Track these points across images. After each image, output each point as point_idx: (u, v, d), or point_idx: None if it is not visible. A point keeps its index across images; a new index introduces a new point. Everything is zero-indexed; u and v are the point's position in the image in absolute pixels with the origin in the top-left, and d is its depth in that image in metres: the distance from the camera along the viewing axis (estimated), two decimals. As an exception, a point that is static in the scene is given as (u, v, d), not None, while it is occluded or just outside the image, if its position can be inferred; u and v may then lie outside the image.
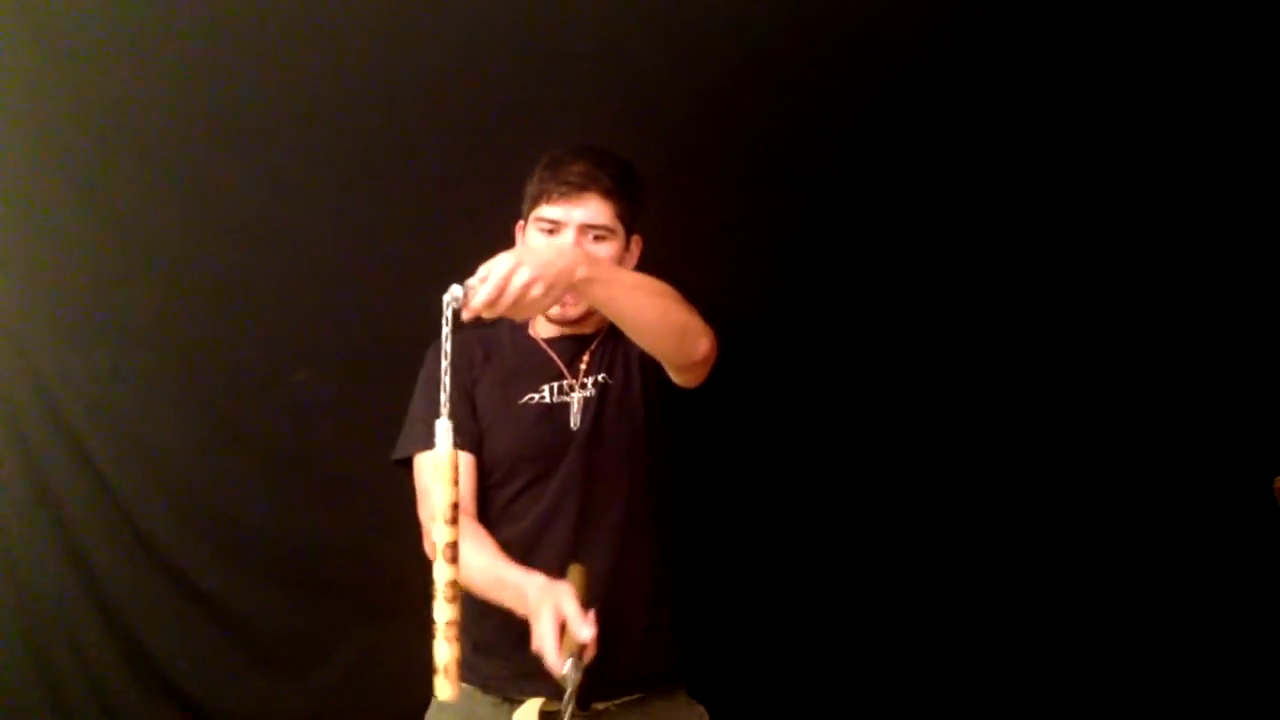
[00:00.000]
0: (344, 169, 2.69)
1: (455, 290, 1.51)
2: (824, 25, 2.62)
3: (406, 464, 1.93)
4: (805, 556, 2.68)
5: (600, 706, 1.88)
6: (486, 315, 1.54)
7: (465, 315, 1.52)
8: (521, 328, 2.00)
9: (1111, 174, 2.67)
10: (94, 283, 2.72)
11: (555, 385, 1.92)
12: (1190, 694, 2.58)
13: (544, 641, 1.58)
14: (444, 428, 1.46)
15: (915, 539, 2.69)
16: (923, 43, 2.65)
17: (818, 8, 2.61)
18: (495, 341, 1.98)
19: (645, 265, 2.08)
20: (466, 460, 1.88)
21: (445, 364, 1.46)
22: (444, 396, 1.47)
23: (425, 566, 2.00)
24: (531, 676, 1.85)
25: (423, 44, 2.65)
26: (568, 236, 1.87)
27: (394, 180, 2.68)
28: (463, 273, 2.19)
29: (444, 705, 1.93)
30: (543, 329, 1.98)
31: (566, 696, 1.61)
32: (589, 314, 1.94)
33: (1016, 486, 2.67)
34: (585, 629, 1.59)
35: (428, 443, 1.88)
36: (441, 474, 1.48)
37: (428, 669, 1.96)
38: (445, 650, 1.49)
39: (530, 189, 1.93)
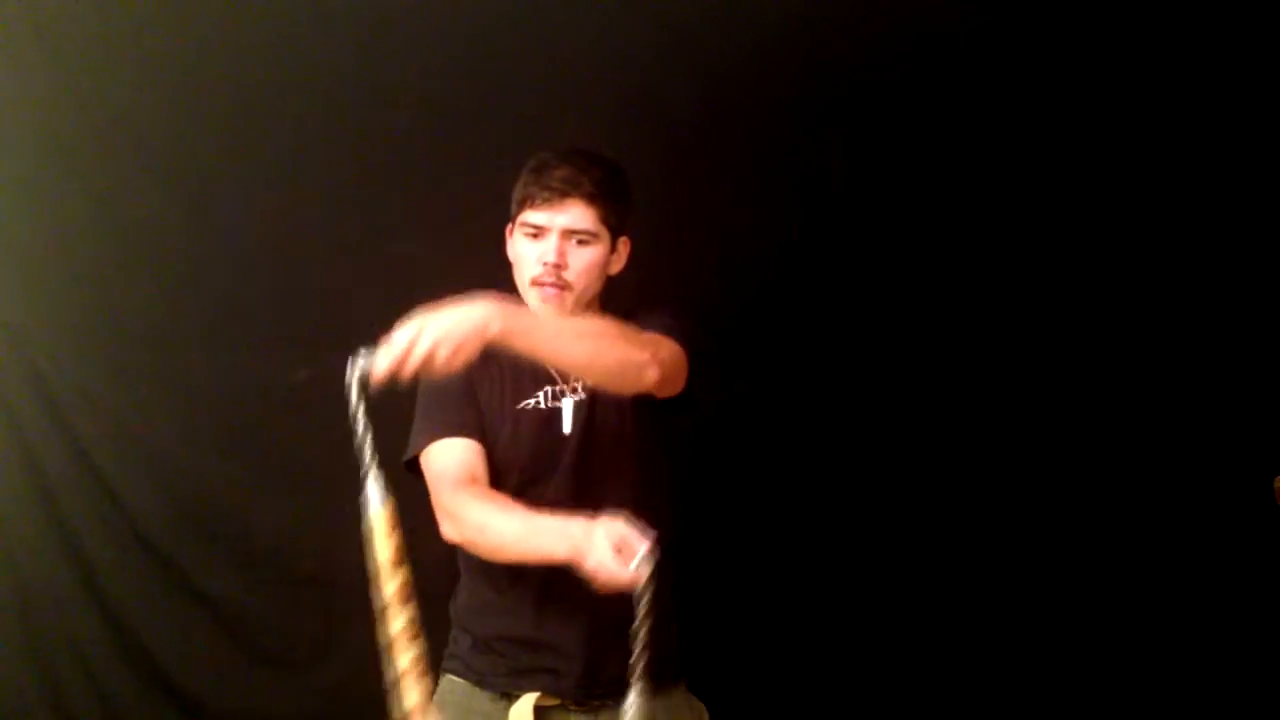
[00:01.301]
0: (344, 169, 2.69)
1: (362, 360, 1.58)
2: (823, 25, 2.62)
3: (416, 467, 1.94)
4: (803, 553, 2.68)
5: (597, 703, 1.87)
6: (398, 379, 1.58)
7: (374, 381, 1.58)
8: None
9: (1111, 174, 2.67)
10: (94, 283, 2.72)
11: (549, 390, 1.92)
12: (1190, 694, 2.58)
13: (605, 559, 1.58)
14: (374, 486, 1.57)
15: (914, 537, 2.69)
16: (922, 42, 2.65)
17: (817, 8, 2.61)
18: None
19: (644, 265, 2.08)
20: (479, 450, 1.89)
21: (359, 432, 1.58)
22: (366, 458, 1.59)
23: (425, 565, 2.01)
24: (527, 673, 1.86)
25: (422, 45, 2.65)
26: (551, 241, 1.88)
27: (394, 180, 2.68)
28: (463, 274, 2.20)
29: (443, 702, 1.93)
30: None
31: (639, 593, 1.58)
32: (577, 315, 1.93)
33: (1016, 486, 2.67)
34: (642, 541, 1.59)
35: (435, 434, 1.91)
36: (378, 530, 1.55)
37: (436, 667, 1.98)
38: (414, 692, 1.52)
39: (516, 193, 1.93)
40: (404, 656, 1.53)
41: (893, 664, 2.66)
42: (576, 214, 1.88)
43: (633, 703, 1.61)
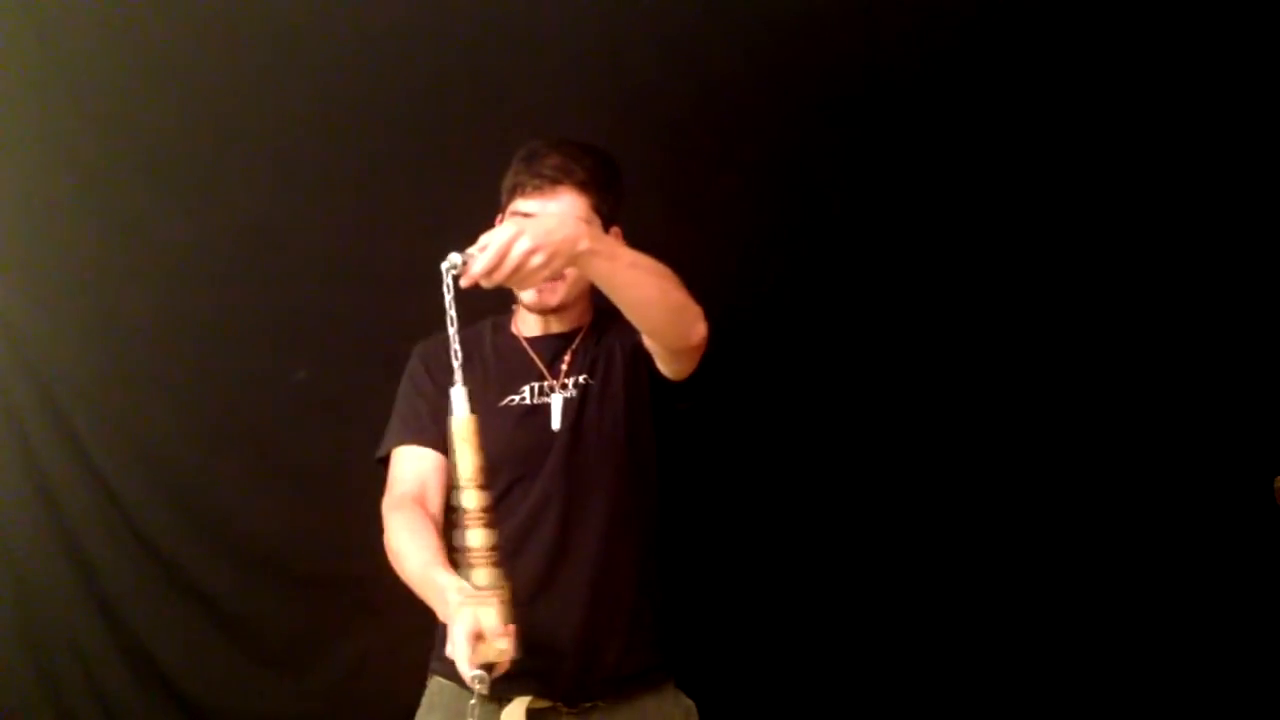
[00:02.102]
0: (344, 169, 2.69)
1: (454, 257, 1.53)
2: (823, 25, 2.62)
3: (387, 462, 1.94)
4: (792, 552, 2.68)
5: (589, 704, 1.87)
6: (485, 284, 1.55)
7: (464, 282, 1.54)
8: (504, 328, 2.00)
9: (1111, 173, 2.67)
10: (94, 283, 2.72)
11: (536, 386, 1.91)
12: (1190, 694, 2.58)
13: (456, 648, 1.54)
14: (460, 394, 1.52)
15: (906, 536, 2.68)
16: (923, 42, 2.65)
17: (816, 8, 2.61)
18: (476, 342, 1.98)
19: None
20: (438, 460, 1.88)
21: (453, 330, 1.53)
22: (456, 364, 1.54)
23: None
24: (518, 675, 1.85)
25: (421, 45, 2.65)
26: None
27: (393, 180, 2.69)
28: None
29: (433, 704, 1.94)
30: (525, 328, 1.98)
31: (470, 704, 1.57)
32: (569, 305, 1.93)
33: (1015, 485, 2.66)
34: (502, 641, 1.55)
35: (401, 439, 1.91)
36: (463, 439, 1.51)
37: (425, 668, 1.98)
38: (490, 614, 1.51)
39: (506, 183, 1.93)
40: (481, 574, 1.52)
41: (881, 663, 2.66)
42: (568, 202, 1.87)
43: None
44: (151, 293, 2.72)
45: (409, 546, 1.76)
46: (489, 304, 1.99)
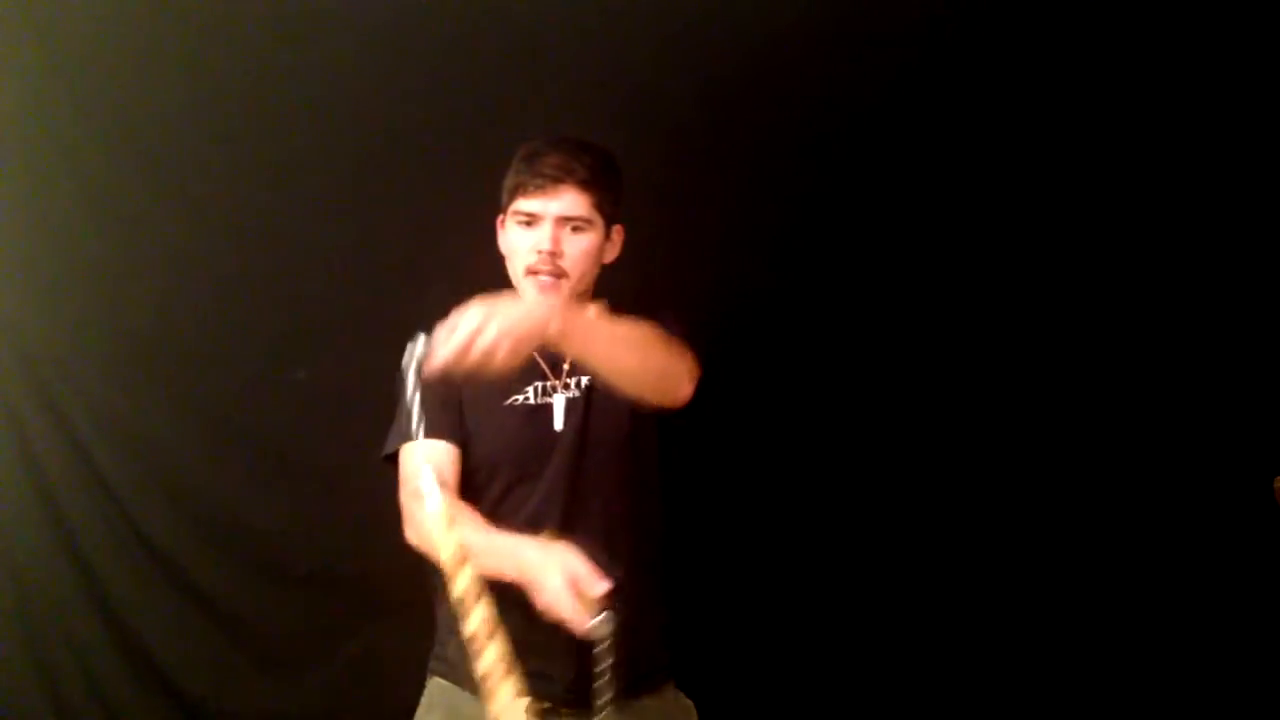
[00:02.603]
0: (343, 169, 2.69)
1: (422, 344, 1.55)
2: (822, 25, 2.62)
3: (395, 460, 1.94)
4: (792, 553, 2.68)
5: (589, 707, 1.87)
6: (451, 370, 1.55)
7: (427, 372, 1.55)
8: None
9: (1111, 173, 2.67)
10: (94, 283, 2.72)
11: (540, 386, 1.91)
12: (1190, 694, 2.58)
13: (559, 599, 1.55)
14: (429, 481, 1.48)
15: (906, 537, 2.69)
16: (921, 42, 2.65)
17: (816, 8, 2.61)
18: None
19: (644, 266, 2.08)
20: (452, 452, 1.88)
21: (414, 418, 1.51)
22: (416, 426, 1.56)
23: (423, 565, 2.01)
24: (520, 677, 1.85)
25: (421, 45, 2.65)
26: (545, 229, 1.87)
27: (393, 180, 2.69)
28: (462, 273, 2.20)
29: (433, 705, 1.94)
30: None
31: (600, 652, 1.56)
32: (576, 303, 1.93)
33: (1014, 486, 2.67)
34: (599, 583, 1.56)
35: (411, 434, 1.89)
36: (438, 527, 1.48)
37: (425, 668, 1.98)
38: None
39: (508, 182, 1.92)
40: (486, 654, 1.50)
41: (881, 663, 2.66)
42: (570, 200, 1.87)
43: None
44: (151, 293, 2.72)
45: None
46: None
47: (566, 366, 1.93)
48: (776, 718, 2.64)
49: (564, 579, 1.56)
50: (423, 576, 1.97)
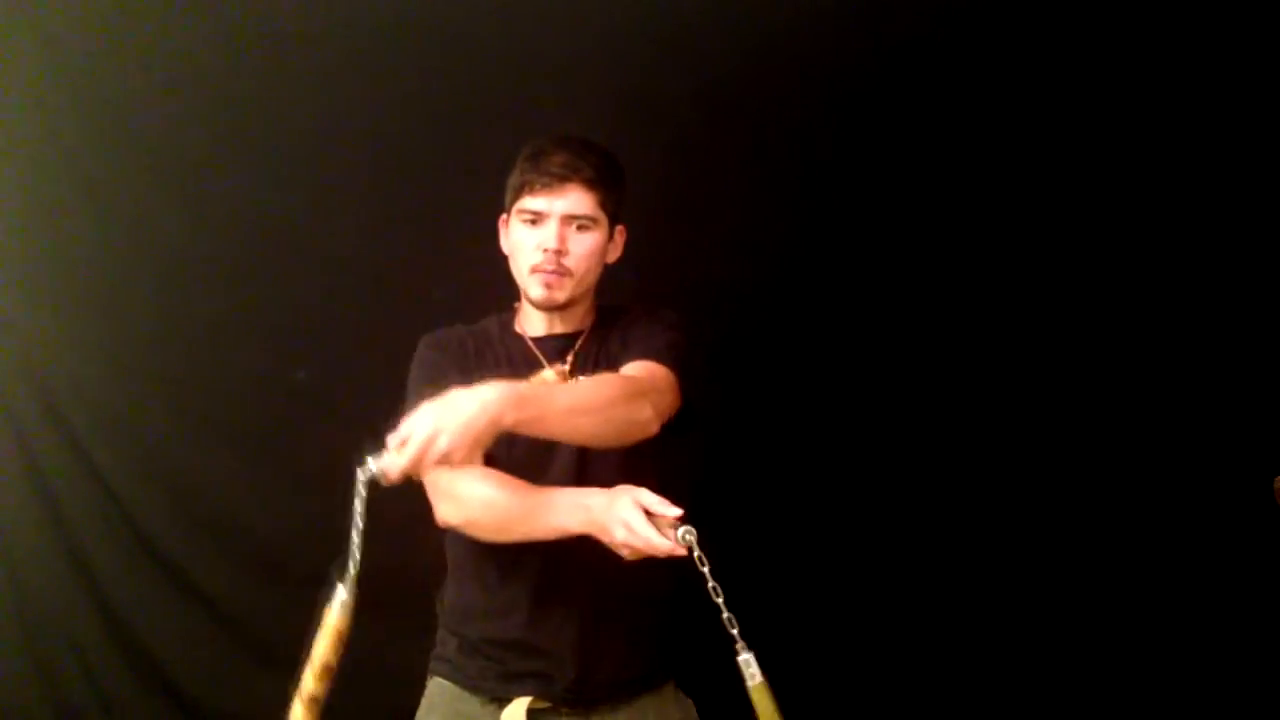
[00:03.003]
0: (344, 169, 2.69)
1: (372, 465, 1.57)
2: (822, 26, 2.62)
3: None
4: (792, 552, 2.68)
5: (589, 705, 1.87)
6: (411, 478, 1.57)
7: (385, 483, 1.57)
8: (509, 325, 1.99)
9: (1112, 174, 2.67)
10: (94, 283, 2.72)
11: None
12: (1190, 694, 2.58)
13: (641, 530, 1.57)
14: (346, 590, 1.58)
15: (907, 537, 2.69)
16: (921, 43, 2.65)
17: (816, 8, 2.61)
18: (485, 338, 1.97)
19: (645, 267, 2.08)
20: None
21: (355, 534, 1.57)
22: (354, 561, 1.59)
23: (424, 564, 2.01)
24: (518, 677, 1.85)
25: (421, 46, 2.65)
26: (550, 227, 1.87)
27: (394, 180, 2.69)
28: (461, 272, 2.20)
29: (433, 705, 1.93)
30: (529, 327, 1.97)
31: (698, 558, 1.59)
32: (576, 302, 1.92)
33: (1015, 486, 2.67)
34: (670, 508, 1.59)
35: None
36: (325, 632, 1.59)
37: (425, 668, 1.98)
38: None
39: (512, 181, 1.92)
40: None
41: (882, 663, 2.66)
42: (576, 199, 1.87)
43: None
44: (151, 293, 2.72)
45: (500, 490, 1.76)
46: (492, 304, 1.99)
47: (567, 367, 1.93)
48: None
49: (638, 511, 1.58)
50: (423, 576, 1.97)
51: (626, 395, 1.76)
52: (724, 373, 1.93)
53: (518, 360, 1.93)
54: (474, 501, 1.78)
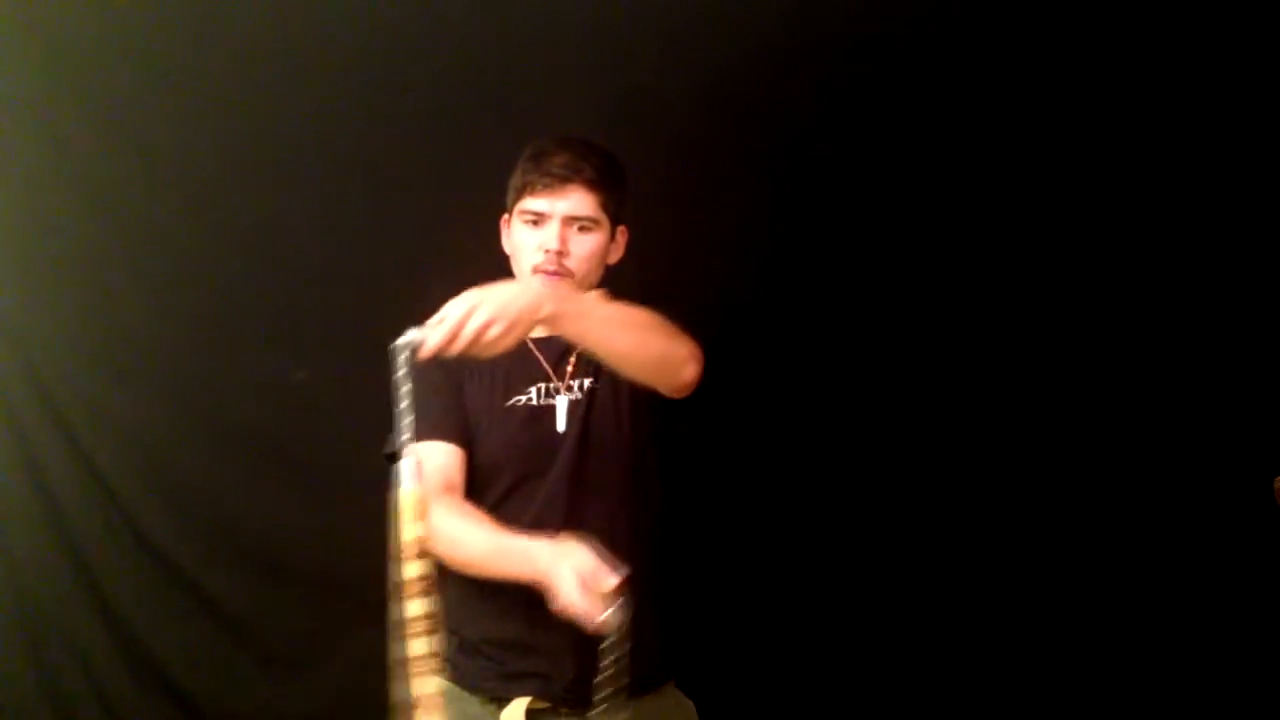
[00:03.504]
0: (344, 169, 2.69)
1: (412, 334, 1.54)
2: (822, 27, 2.61)
3: (395, 459, 1.93)
4: (791, 552, 2.68)
5: (589, 707, 1.87)
6: (446, 354, 1.56)
7: (422, 354, 1.54)
8: None
9: (1112, 174, 2.67)
10: (94, 283, 2.72)
11: (541, 387, 1.91)
12: (1190, 694, 2.58)
13: (572, 596, 1.56)
14: (408, 466, 1.49)
15: (905, 536, 2.69)
16: (921, 43, 2.65)
17: (816, 9, 2.61)
18: None
19: (645, 267, 2.08)
20: (457, 454, 1.88)
21: (400, 407, 1.50)
22: (403, 436, 1.51)
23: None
24: (518, 677, 1.85)
25: (421, 46, 2.65)
26: (552, 228, 1.87)
27: (394, 180, 2.68)
28: (460, 273, 2.19)
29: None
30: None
31: (610, 645, 1.59)
32: None
33: (1014, 486, 2.66)
34: (610, 576, 1.59)
35: (420, 434, 1.90)
36: (406, 511, 1.50)
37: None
38: (425, 684, 1.50)
39: (514, 181, 1.92)
40: (415, 646, 1.51)
41: (881, 662, 2.66)
42: (578, 200, 1.88)
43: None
44: (151, 293, 2.72)
45: (465, 528, 1.77)
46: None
47: (570, 368, 1.93)
48: (776, 717, 2.64)
49: (576, 577, 1.57)
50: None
51: (667, 329, 1.77)
52: (723, 374, 1.92)
53: (516, 360, 1.93)
54: (441, 537, 1.77)
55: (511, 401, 1.91)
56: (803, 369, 2.69)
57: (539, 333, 1.96)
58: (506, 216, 1.95)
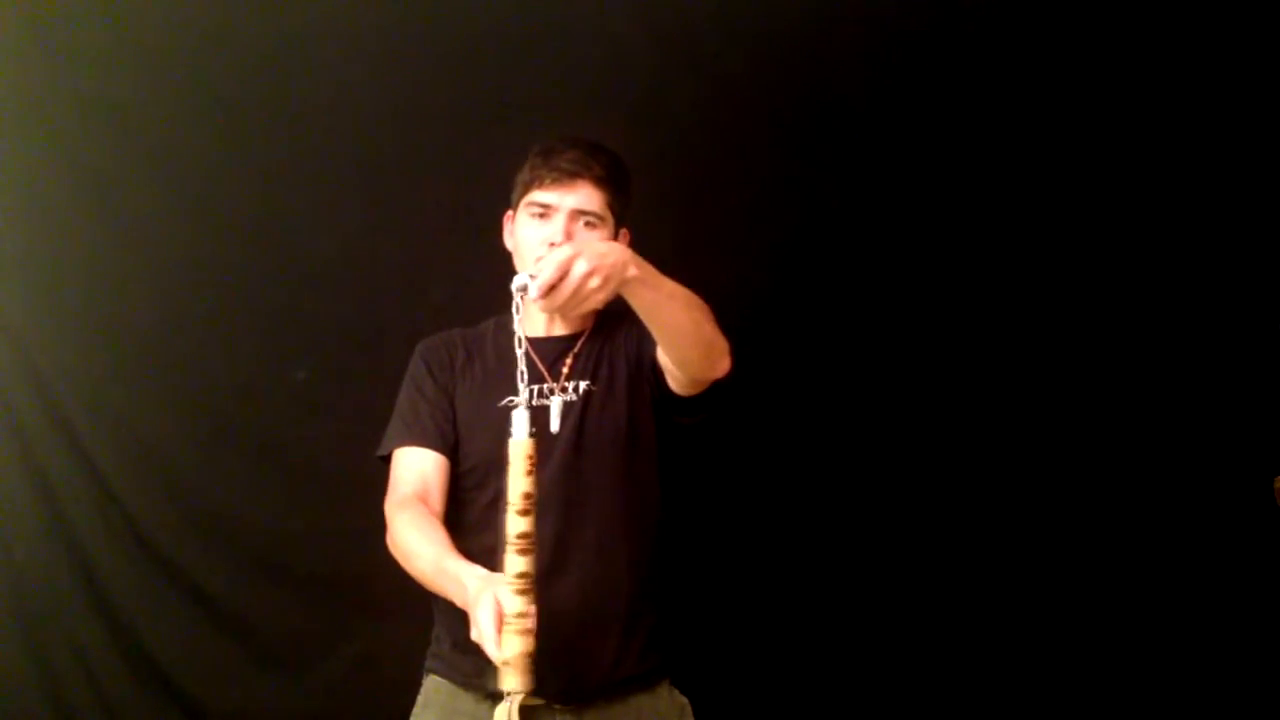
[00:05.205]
0: (344, 170, 2.69)
1: (522, 278, 1.58)
2: (823, 29, 2.62)
3: (389, 461, 1.94)
4: (787, 550, 2.68)
5: (583, 703, 1.87)
6: (545, 305, 1.59)
7: (531, 297, 1.57)
8: (506, 327, 1.99)
9: (1111, 174, 2.67)
10: (94, 283, 2.72)
11: (535, 389, 1.90)
12: (1190, 694, 2.58)
13: (483, 632, 1.55)
14: (521, 416, 1.55)
15: (901, 535, 2.69)
16: (924, 43, 2.65)
17: (817, 12, 2.61)
18: (479, 342, 1.98)
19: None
20: (439, 462, 1.89)
21: (521, 351, 1.59)
22: (521, 385, 1.60)
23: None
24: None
25: (424, 49, 2.65)
26: (559, 221, 1.88)
27: (394, 182, 2.69)
28: (460, 274, 2.20)
29: (428, 703, 1.94)
30: (530, 327, 1.97)
31: (509, 693, 1.58)
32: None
33: (1014, 486, 2.66)
34: (526, 620, 1.57)
35: (402, 439, 1.91)
36: (517, 463, 1.55)
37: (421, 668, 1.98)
38: (513, 643, 1.53)
39: (522, 177, 1.93)
40: (510, 605, 1.54)
41: (876, 660, 2.66)
42: (586, 195, 1.88)
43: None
44: (151, 293, 2.72)
45: (419, 542, 1.77)
46: (491, 305, 1.99)
47: (565, 370, 1.93)
48: (773, 716, 2.64)
49: (492, 612, 1.56)
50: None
51: (714, 320, 1.78)
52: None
53: (510, 361, 1.93)
54: (397, 546, 1.82)
55: (505, 402, 1.91)
56: (802, 369, 2.69)
57: (538, 330, 1.97)
58: (511, 212, 1.96)
